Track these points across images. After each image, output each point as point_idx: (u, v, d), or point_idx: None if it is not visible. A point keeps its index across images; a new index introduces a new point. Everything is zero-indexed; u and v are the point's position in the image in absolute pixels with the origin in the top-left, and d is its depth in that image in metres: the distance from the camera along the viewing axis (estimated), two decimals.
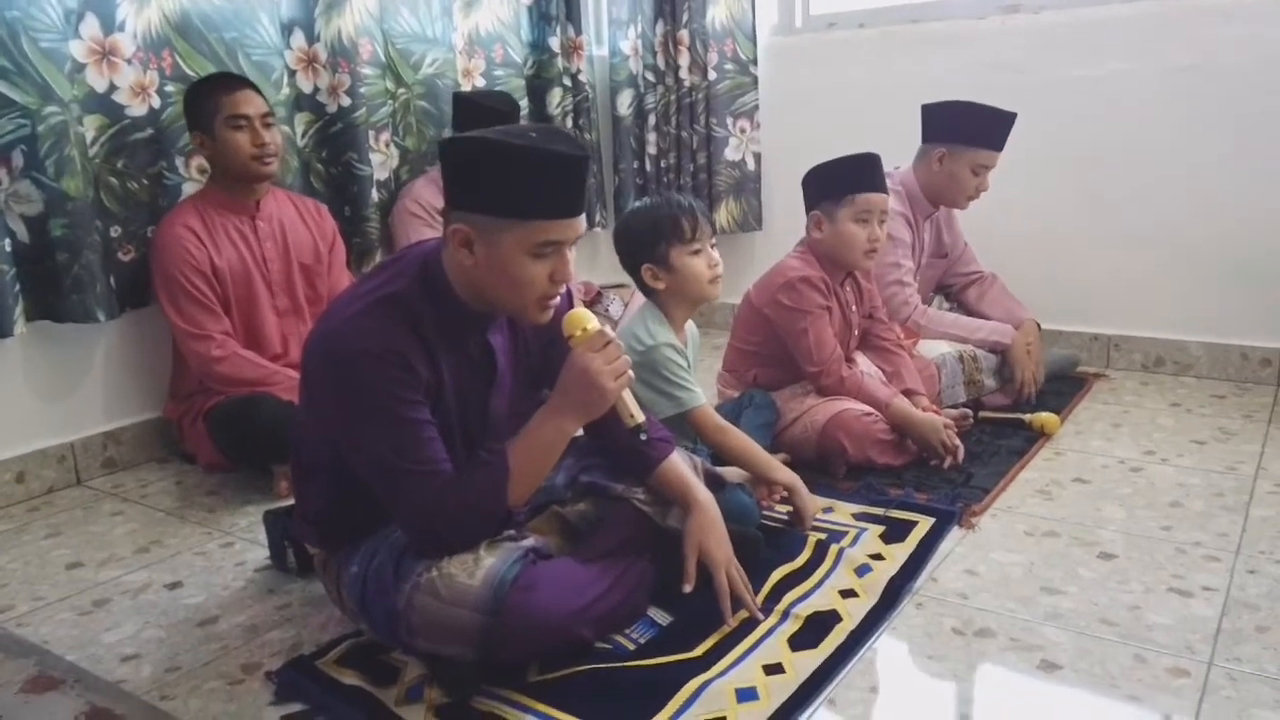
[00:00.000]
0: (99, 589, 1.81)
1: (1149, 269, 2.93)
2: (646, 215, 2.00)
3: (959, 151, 2.57)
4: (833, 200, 2.22)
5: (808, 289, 2.21)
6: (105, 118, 2.31)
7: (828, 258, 2.27)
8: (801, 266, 2.25)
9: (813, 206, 2.27)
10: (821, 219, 2.25)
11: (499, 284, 1.37)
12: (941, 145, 2.59)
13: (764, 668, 1.45)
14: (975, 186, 2.58)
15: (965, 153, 2.56)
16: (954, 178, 2.58)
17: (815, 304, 2.21)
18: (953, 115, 2.57)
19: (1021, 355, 2.58)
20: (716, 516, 1.60)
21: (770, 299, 2.25)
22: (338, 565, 1.55)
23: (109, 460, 2.44)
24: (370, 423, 1.36)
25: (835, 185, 2.23)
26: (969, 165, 2.56)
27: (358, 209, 2.86)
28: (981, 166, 2.56)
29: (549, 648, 1.40)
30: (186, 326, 2.27)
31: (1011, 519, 1.94)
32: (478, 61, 3.28)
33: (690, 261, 1.96)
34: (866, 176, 2.23)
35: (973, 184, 2.57)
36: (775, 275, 2.28)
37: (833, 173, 2.25)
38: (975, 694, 1.38)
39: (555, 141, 1.32)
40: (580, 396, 1.42)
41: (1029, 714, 1.34)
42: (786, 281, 2.23)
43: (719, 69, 3.52)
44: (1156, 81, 2.82)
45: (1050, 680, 1.39)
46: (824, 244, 2.26)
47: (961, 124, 2.55)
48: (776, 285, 2.25)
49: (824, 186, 2.25)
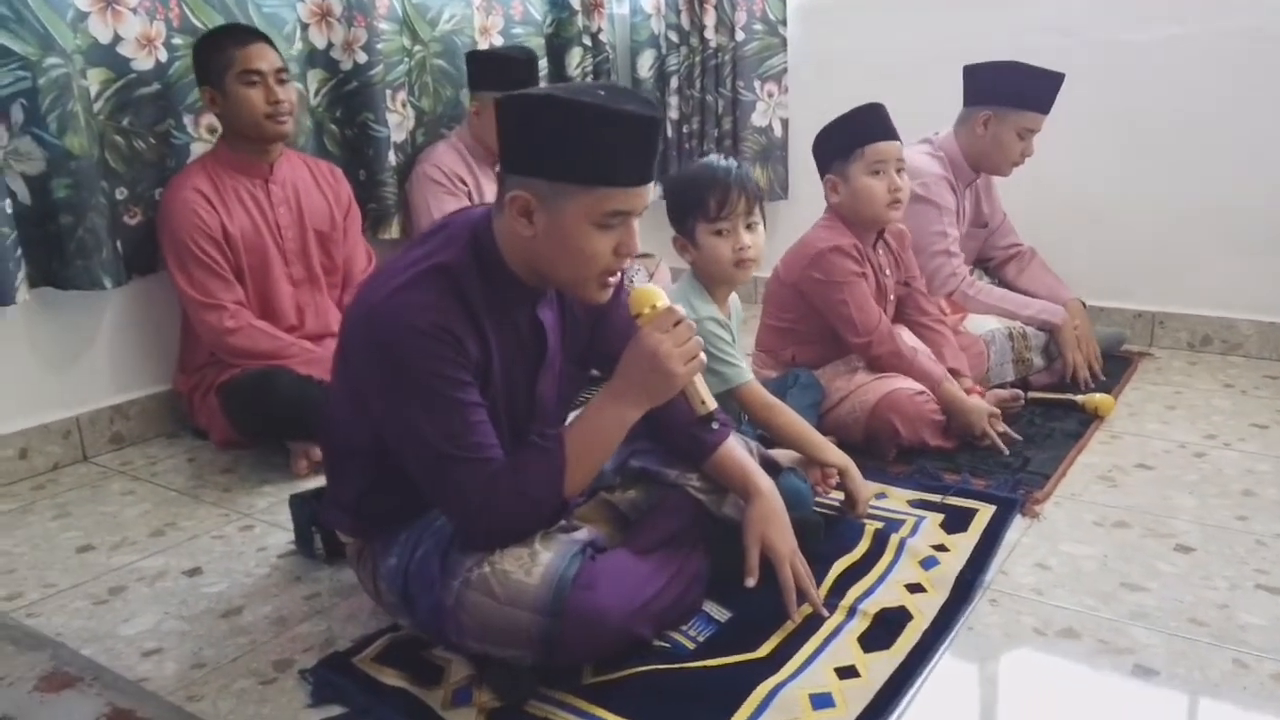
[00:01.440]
0: (113, 575, 1.70)
1: (1196, 243, 2.81)
2: (681, 183, 1.87)
3: (1005, 114, 2.44)
4: (842, 158, 2.12)
5: (839, 257, 2.10)
6: (110, 71, 2.17)
7: (852, 219, 2.16)
8: (829, 236, 2.13)
9: (825, 170, 2.17)
10: (836, 181, 2.14)
11: (559, 256, 1.25)
12: (986, 108, 2.46)
13: (836, 670, 1.35)
14: (1021, 151, 2.46)
15: (1011, 115, 2.43)
16: (999, 142, 2.46)
17: (850, 272, 2.10)
18: (999, 76, 2.44)
19: (1070, 338, 2.47)
20: (779, 505, 1.49)
21: (801, 274, 2.13)
22: (374, 555, 1.44)
23: (116, 435, 2.32)
24: (418, 404, 1.24)
25: (842, 142, 2.13)
26: (1015, 129, 2.44)
27: (374, 173, 2.73)
28: (1028, 130, 2.44)
29: (609, 648, 1.30)
30: (197, 295, 2.14)
31: (1077, 507, 1.84)
32: (495, 19, 3.12)
33: (712, 241, 1.81)
34: (873, 126, 2.12)
35: (1018, 149, 2.45)
36: (803, 249, 2.16)
37: (838, 130, 2.15)
38: (1070, 702, 1.29)
39: (626, 101, 1.20)
40: (647, 380, 1.31)
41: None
42: (815, 254, 2.11)
43: (747, 29, 3.38)
44: (1208, 46, 2.69)
45: (1149, 685, 1.30)
46: (845, 206, 2.15)
47: (1008, 85, 2.42)
48: (805, 259, 2.13)
49: (831, 146, 2.15)
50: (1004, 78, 2.44)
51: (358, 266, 2.48)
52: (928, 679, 1.33)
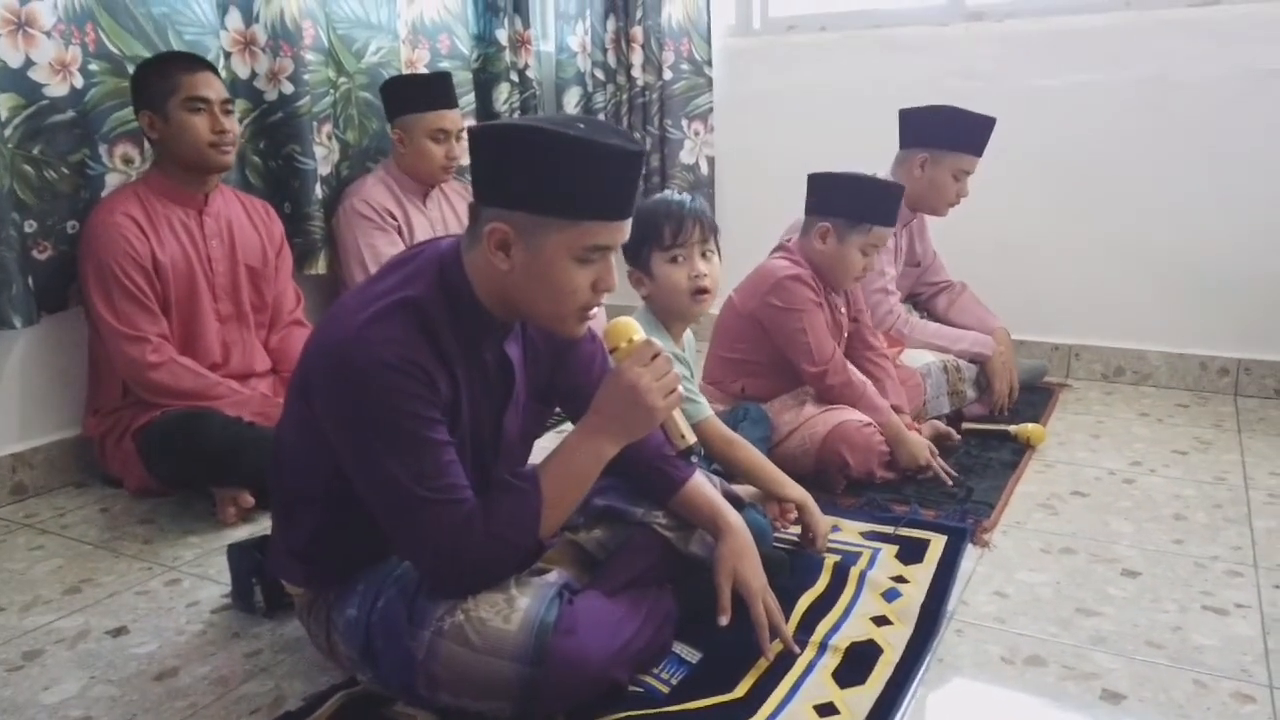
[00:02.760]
0: (27, 638, 1.56)
1: (1110, 278, 2.96)
2: (637, 215, 1.84)
3: (941, 156, 2.52)
4: (849, 221, 2.13)
5: (799, 286, 2.12)
6: (20, 97, 2.04)
7: (817, 269, 2.18)
8: (790, 265, 2.16)
9: (824, 215, 2.16)
10: (829, 232, 2.14)
11: (538, 291, 1.22)
12: (923, 150, 2.54)
13: (815, 708, 1.33)
14: (956, 193, 2.54)
15: (948, 158, 2.51)
16: (935, 183, 2.54)
17: (809, 300, 2.12)
18: (934, 120, 2.52)
19: (1000, 366, 2.55)
20: (749, 542, 1.47)
21: (760, 301, 2.14)
22: (328, 607, 1.36)
23: (18, 485, 2.15)
24: (386, 443, 1.18)
25: (858, 208, 2.13)
26: (951, 170, 2.52)
27: (299, 206, 2.63)
28: (963, 172, 2.53)
29: (589, 695, 1.25)
30: (120, 326, 2.01)
31: (1023, 535, 1.88)
32: (422, 52, 3.07)
33: (668, 270, 1.81)
34: (888, 210, 2.14)
35: (954, 189, 2.54)
36: (761, 276, 2.18)
37: (859, 193, 2.13)
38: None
39: (609, 135, 1.18)
40: (625, 415, 1.28)
41: None
42: (776, 282, 2.13)
43: (675, 68, 3.42)
44: (1120, 92, 2.85)
45: (1119, 711, 1.32)
46: (822, 256, 2.16)
47: (944, 129, 2.50)
48: (766, 286, 2.14)
49: (845, 203, 2.14)
50: (939, 122, 2.51)
51: (286, 306, 2.38)
52: (907, 713, 1.32)
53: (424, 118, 2.63)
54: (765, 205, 3.27)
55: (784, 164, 3.35)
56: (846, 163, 2.60)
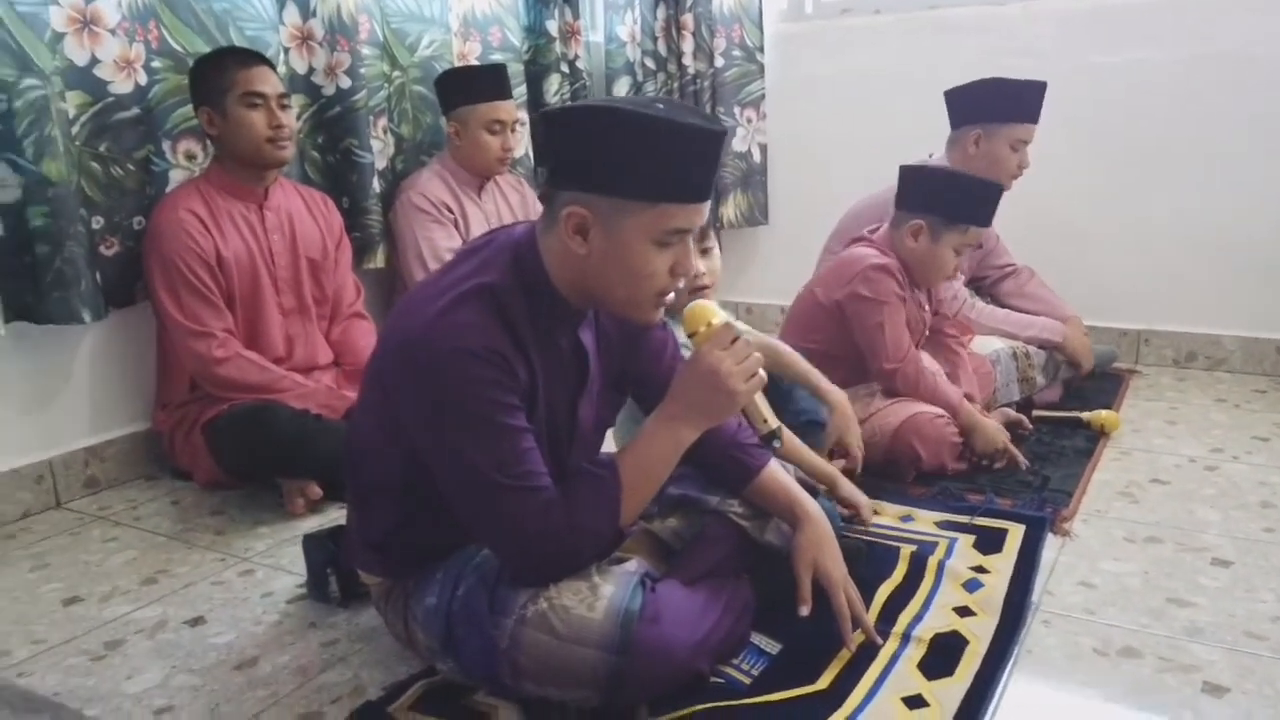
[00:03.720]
0: (108, 628, 1.58)
1: (1180, 261, 2.87)
2: None
3: (994, 129, 2.44)
4: (945, 219, 2.06)
5: (886, 277, 2.07)
6: (87, 94, 2.06)
7: (905, 265, 2.12)
8: (878, 255, 2.11)
9: (917, 211, 2.09)
10: (922, 230, 2.08)
11: (615, 276, 1.19)
12: (975, 127, 2.47)
13: (904, 700, 1.30)
14: (1017, 164, 2.46)
15: (1001, 129, 2.44)
16: (994, 158, 2.46)
17: (893, 293, 2.07)
18: (981, 94, 2.45)
19: (1084, 346, 2.49)
20: (829, 530, 1.44)
21: (847, 290, 2.09)
22: (406, 596, 1.35)
23: (91, 479, 2.18)
24: (466, 431, 1.17)
25: (956, 207, 2.06)
26: (1007, 142, 2.44)
27: (357, 200, 2.63)
28: (1020, 141, 2.45)
29: (672, 685, 1.23)
30: (186, 322, 2.03)
31: (1105, 524, 1.83)
32: (473, 44, 3.06)
33: None
34: (987, 210, 2.08)
35: (1014, 161, 2.46)
36: (847, 265, 2.13)
37: (958, 191, 2.07)
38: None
39: (688, 115, 1.15)
40: (705, 401, 1.25)
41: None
42: (863, 270, 2.08)
43: (726, 55, 3.38)
44: (1183, 69, 2.76)
45: (1222, 705, 1.27)
46: (913, 253, 2.10)
47: (992, 101, 2.43)
48: (852, 274, 2.09)
49: (942, 201, 2.07)
50: (987, 95, 2.45)
51: (346, 298, 2.38)
52: (999, 706, 1.28)
53: (479, 109, 2.62)
54: (818, 193, 3.24)
55: (837, 151, 3.33)
56: (901, 148, 2.56)
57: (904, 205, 2.13)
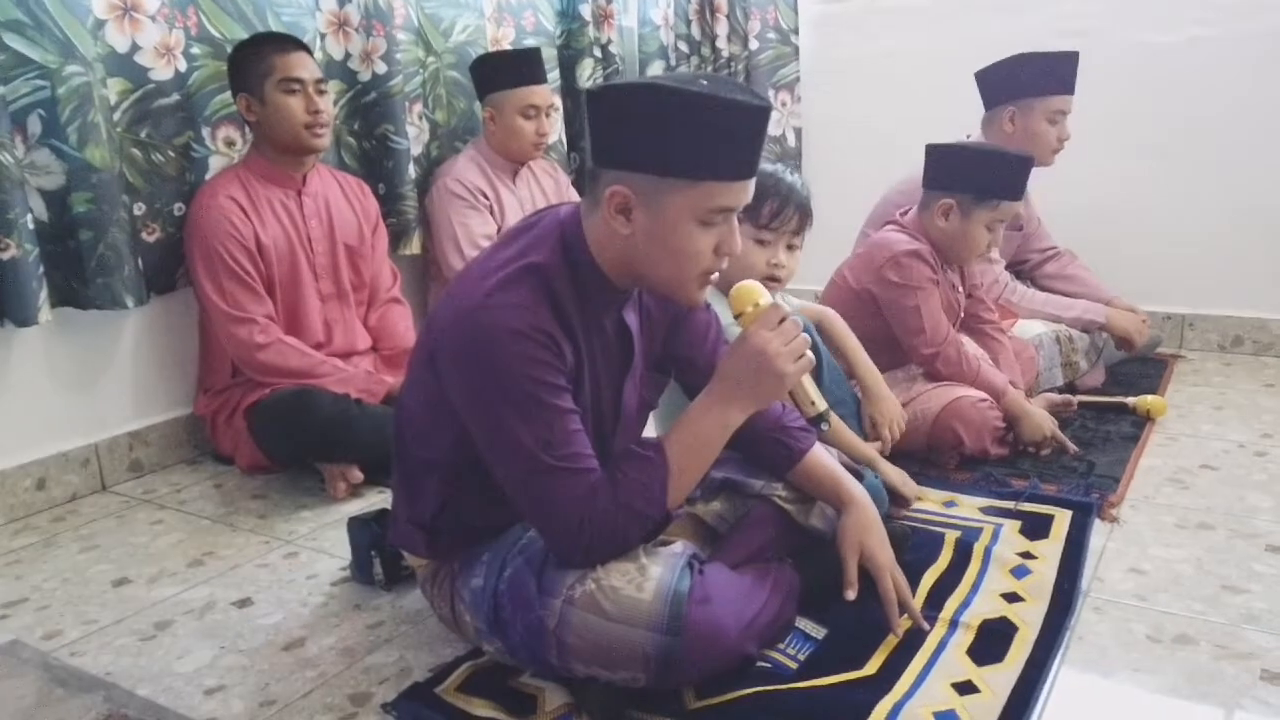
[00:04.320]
0: (157, 609, 1.59)
1: (1227, 245, 2.81)
2: None
3: (1029, 104, 2.39)
4: (975, 196, 2.03)
5: (918, 263, 2.04)
6: (128, 81, 2.07)
7: (937, 246, 2.10)
8: (908, 240, 2.08)
9: (947, 190, 2.06)
10: (952, 209, 2.05)
11: (659, 255, 1.18)
12: (1009, 104, 2.42)
13: (954, 686, 1.28)
14: (1057, 137, 2.41)
15: (1037, 104, 2.39)
16: (1032, 133, 2.41)
17: (926, 278, 2.04)
18: (1012, 70, 2.40)
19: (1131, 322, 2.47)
20: (875, 514, 1.43)
21: (876, 276, 2.07)
22: (452, 578, 1.35)
23: (135, 463, 2.21)
24: (513, 411, 1.16)
25: (986, 183, 2.03)
26: (1044, 116, 2.39)
27: (393, 186, 2.64)
28: (1058, 113, 2.40)
29: (722, 667, 1.22)
30: (227, 308, 2.04)
31: (1154, 510, 1.80)
32: (507, 30, 3.05)
33: (750, 247, 1.69)
34: (1018, 184, 2.05)
35: (1053, 134, 2.40)
36: (877, 250, 2.10)
37: (986, 167, 2.03)
38: (1207, 712, 1.22)
39: (733, 90, 1.13)
40: (753, 382, 1.24)
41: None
42: (893, 256, 2.05)
43: (761, 37, 3.34)
44: (1240, 46, 2.70)
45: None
46: (944, 233, 2.07)
47: (1024, 75, 2.38)
48: (881, 260, 2.07)
49: (971, 178, 2.03)
50: (1016, 69, 2.40)
51: (384, 284, 2.39)
52: (1051, 692, 1.26)
53: (514, 94, 2.61)
54: (854, 177, 3.19)
55: (872, 134, 3.28)
56: (937, 131, 2.50)
57: (932, 185, 2.10)
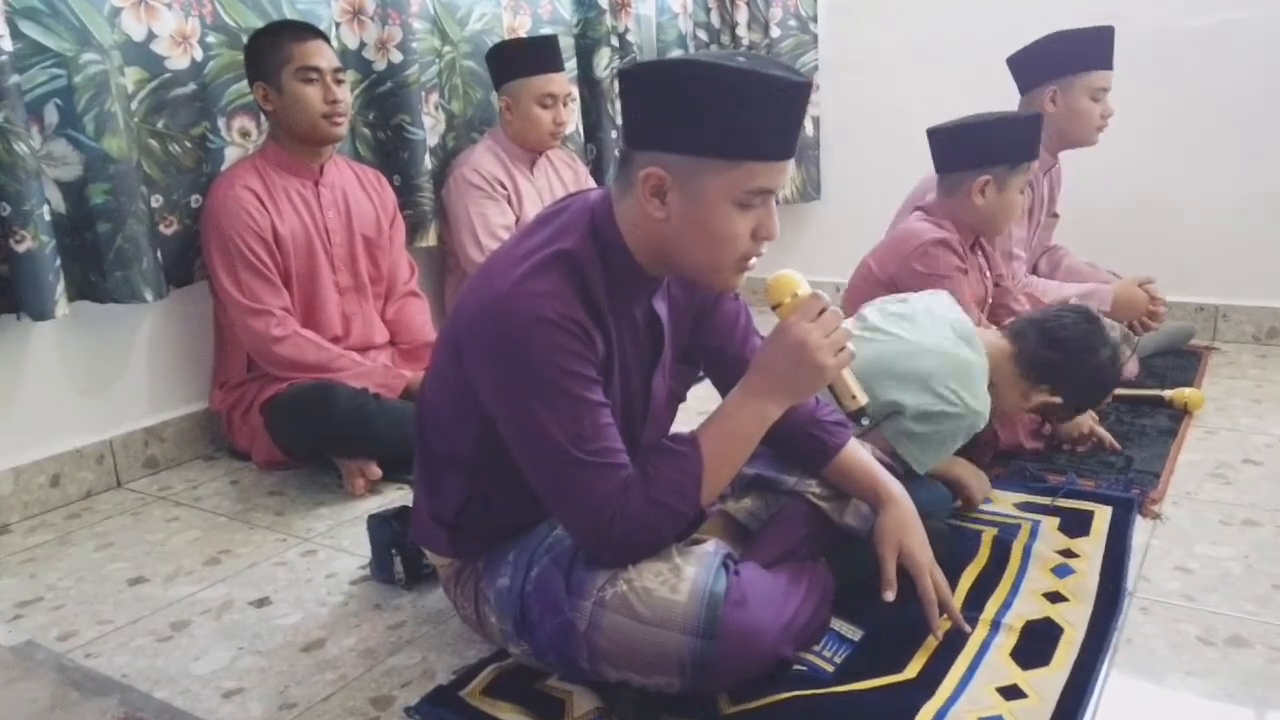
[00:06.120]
0: (173, 609, 1.56)
1: (1261, 234, 2.74)
2: None
3: (1070, 82, 2.35)
4: (1010, 165, 1.99)
5: (945, 252, 1.99)
6: (144, 70, 2.03)
7: (971, 223, 2.05)
8: (933, 229, 2.03)
9: (981, 166, 2.00)
10: (989, 184, 2.00)
11: (695, 240, 1.14)
12: (1049, 84, 2.37)
13: (999, 690, 1.23)
14: (1100, 114, 2.37)
15: (1077, 81, 2.34)
16: (1075, 111, 2.36)
17: (954, 268, 1.99)
18: (1049, 48, 2.36)
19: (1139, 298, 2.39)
20: (913, 512, 1.37)
21: (902, 265, 2.02)
22: (476, 578, 1.31)
23: (150, 459, 2.17)
24: (542, 402, 1.11)
25: (1016, 149, 2.00)
26: (1086, 93, 2.35)
27: (409, 177, 2.59)
28: (1100, 90, 2.35)
29: (758, 671, 1.18)
30: (244, 300, 2.01)
31: (1197, 506, 1.74)
32: (523, 18, 3.00)
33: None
34: (1035, 141, 2.02)
35: (1096, 111, 2.36)
36: (904, 239, 2.05)
37: (1010, 133, 2.00)
38: (1267, 717, 1.17)
39: (771, 67, 1.08)
40: (792, 375, 1.19)
41: None
42: (920, 245, 2.00)
43: (782, 25, 3.29)
44: (1268, 31, 2.63)
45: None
46: (983, 210, 2.02)
47: (1062, 53, 2.34)
48: (908, 250, 2.02)
49: (1003, 148, 2.00)
50: (1052, 48, 2.35)
51: (401, 277, 2.35)
52: (1101, 698, 1.21)
53: (531, 82, 2.57)
54: (874, 168, 3.15)
55: (892, 123, 3.21)
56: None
57: (955, 166, 2.05)
